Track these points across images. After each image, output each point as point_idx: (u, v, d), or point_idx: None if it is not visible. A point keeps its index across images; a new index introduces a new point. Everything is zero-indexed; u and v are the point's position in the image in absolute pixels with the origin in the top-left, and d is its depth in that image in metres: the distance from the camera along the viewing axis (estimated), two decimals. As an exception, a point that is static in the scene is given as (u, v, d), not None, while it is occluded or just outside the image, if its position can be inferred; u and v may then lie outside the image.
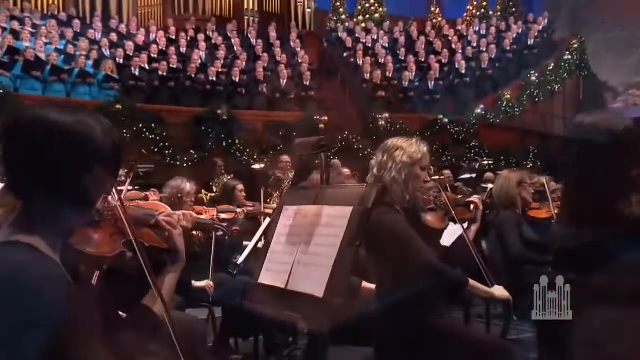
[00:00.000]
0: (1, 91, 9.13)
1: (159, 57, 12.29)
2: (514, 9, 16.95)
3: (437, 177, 8.67)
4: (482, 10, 17.19)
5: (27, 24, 12.24)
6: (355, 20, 17.12)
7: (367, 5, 17.56)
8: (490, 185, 5.87)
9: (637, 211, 1.84)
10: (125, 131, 8.83)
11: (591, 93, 15.04)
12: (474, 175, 9.57)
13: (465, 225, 3.42)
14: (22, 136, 1.35)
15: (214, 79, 11.94)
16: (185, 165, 9.35)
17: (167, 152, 9.33)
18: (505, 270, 3.98)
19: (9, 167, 1.36)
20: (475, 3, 17.40)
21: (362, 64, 13.57)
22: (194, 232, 2.36)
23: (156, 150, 9.28)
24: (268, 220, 3.38)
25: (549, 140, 12.93)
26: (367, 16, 17.32)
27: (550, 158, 9.95)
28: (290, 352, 4.37)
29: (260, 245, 3.11)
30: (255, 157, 9.60)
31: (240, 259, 3.43)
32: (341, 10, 17.51)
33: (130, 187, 5.13)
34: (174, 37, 13.75)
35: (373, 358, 2.85)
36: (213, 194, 7.69)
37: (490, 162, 10.67)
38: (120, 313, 1.78)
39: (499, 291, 2.94)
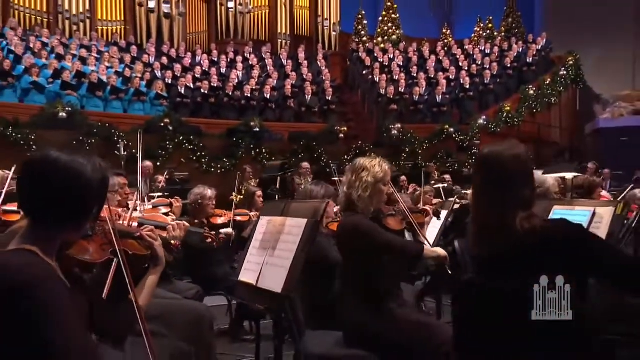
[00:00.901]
0: (70, 109, 9.32)
1: (202, 77, 12.52)
2: (516, 30, 16.81)
3: (433, 182, 8.81)
4: (488, 31, 17.07)
5: (93, 50, 12.66)
6: (375, 41, 17.16)
7: (386, 28, 17.62)
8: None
9: (522, 226, 1.99)
10: (168, 142, 9.10)
11: (587, 104, 14.83)
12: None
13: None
14: (30, 172, 1.61)
15: (249, 95, 12.11)
16: (218, 171, 9.44)
17: (203, 160, 9.44)
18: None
19: (21, 192, 1.62)
20: (482, 25, 17.29)
21: (379, 81, 13.59)
22: (172, 242, 2.52)
23: (194, 158, 9.41)
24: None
25: (544, 147, 12.87)
26: (386, 37, 17.37)
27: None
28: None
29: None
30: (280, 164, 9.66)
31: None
32: (363, 32, 17.59)
33: (160, 194, 5.45)
34: (215, 59, 13.98)
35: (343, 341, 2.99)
36: (242, 197, 7.95)
37: None
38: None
39: (441, 250, 3.08)
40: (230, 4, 15.78)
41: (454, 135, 12.00)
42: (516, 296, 1.99)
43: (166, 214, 3.71)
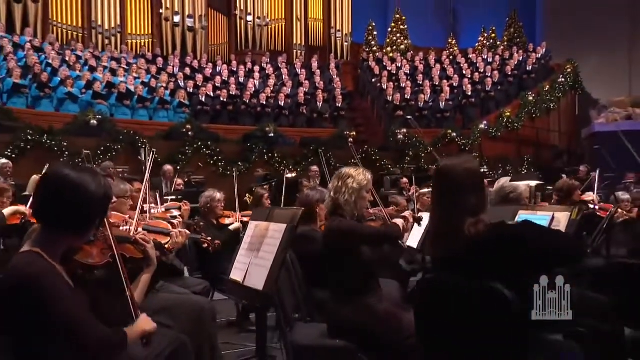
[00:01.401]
0: (100, 117, 9.49)
1: (221, 86, 12.66)
2: (518, 40, 16.70)
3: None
4: (491, 40, 16.99)
5: (122, 62, 12.86)
6: (384, 51, 17.16)
7: (395, 38, 17.58)
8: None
9: (469, 231, 2.11)
10: (188, 148, 9.27)
11: (586, 109, 14.73)
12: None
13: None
14: (44, 185, 1.79)
15: (264, 102, 12.25)
16: (233, 174, 9.51)
17: (219, 164, 9.57)
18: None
19: (35, 201, 1.81)
20: (485, 35, 17.20)
21: (386, 88, 13.62)
22: (167, 246, 2.66)
23: (211, 162, 9.52)
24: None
25: (543, 150, 12.81)
26: (394, 47, 17.37)
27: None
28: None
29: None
30: (290, 167, 9.78)
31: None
32: (373, 43, 17.59)
33: (173, 197, 5.63)
34: (235, 69, 14.12)
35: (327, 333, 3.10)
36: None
37: (486, 170, 10.60)
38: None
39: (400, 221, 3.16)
40: (249, 18, 15.97)
41: (456, 140, 11.98)
42: (466, 293, 2.08)
43: (174, 217, 3.87)
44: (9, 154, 7.66)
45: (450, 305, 2.18)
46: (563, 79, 13.99)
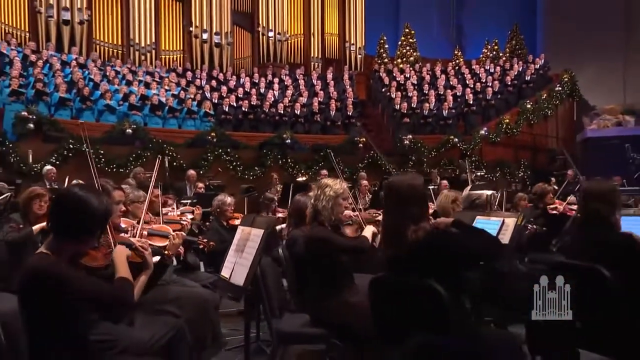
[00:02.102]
0: (135, 126, 9.81)
1: (243, 97, 12.92)
2: (519, 51, 16.60)
3: (434, 187, 8.90)
4: (494, 52, 16.91)
5: (156, 76, 13.21)
6: (394, 62, 17.27)
7: (404, 50, 17.66)
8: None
9: (411, 236, 2.31)
10: (209, 154, 9.50)
11: (584, 115, 14.62)
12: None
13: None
14: (57, 201, 2.06)
15: (282, 111, 12.49)
16: (250, 178, 9.67)
17: (238, 169, 9.77)
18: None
19: (49, 214, 2.08)
20: (489, 46, 17.13)
21: (395, 97, 13.74)
22: (166, 252, 2.88)
23: (230, 167, 9.74)
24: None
25: (539, 154, 12.76)
26: (404, 59, 17.44)
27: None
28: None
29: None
30: (302, 171, 9.94)
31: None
32: (384, 55, 17.67)
33: (188, 201, 5.90)
34: (256, 81, 14.34)
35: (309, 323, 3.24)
36: None
37: (483, 173, 10.65)
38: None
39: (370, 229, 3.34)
40: (271, 34, 16.18)
41: (458, 145, 12.04)
42: (408, 288, 2.29)
43: (187, 219, 4.13)
44: (54, 160, 8.02)
45: (396, 299, 2.39)
46: (560, 88, 13.88)
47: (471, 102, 13.01)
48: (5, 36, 12.76)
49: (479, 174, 10.35)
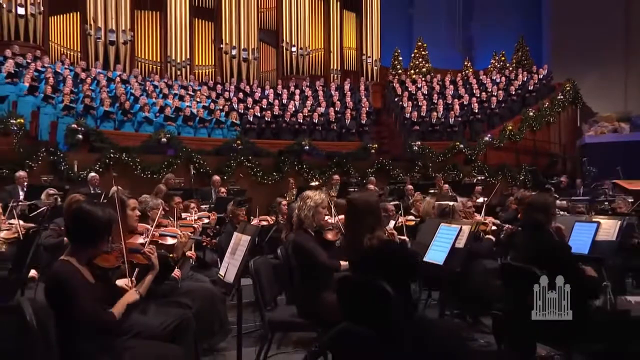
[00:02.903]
0: (169, 135, 10.14)
1: (266, 107, 13.23)
2: (525, 62, 16.47)
3: (434, 191, 9.02)
4: (502, 63, 16.84)
5: (189, 89, 13.70)
6: (408, 73, 17.38)
7: (417, 62, 17.77)
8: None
9: (366, 244, 2.59)
10: (232, 161, 9.76)
11: (583, 122, 14.45)
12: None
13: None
14: (70, 214, 2.40)
15: (301, 120, 12.79)
16: (269, 183, 9.88)
17: (258, 174, 9.99)
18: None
19: (66, 228, 2.43)
20: (497, 58, 17.06)
21: (406, 106, 13.86)
22: (171, 255, 3.11)
23: (251, 173, 9.99)
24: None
25: (540, 158, 12.70)
26: (417, 70, 17.54)
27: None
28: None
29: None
30: (316, 176, 10.16)
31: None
32: (398, 66, 17.83)
33: (207, 206, 6.27)
34: (279, 93, 14.67)
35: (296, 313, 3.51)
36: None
37: (482, 177, 10.69)
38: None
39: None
40: (294, 49, 16.53)
41: (463, 150, 12.09)
42: (364, 287, 2.56)
43: (192, 223, 4.49)
44: (98, 168, 8.52)
45: (356, 296, 2.67)
46: (562, 96, 13.76)
47: (476, 111, 13.03)
48: (60, 57, 13.51)
49: (480, 178, 10.40)
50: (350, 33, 17.54)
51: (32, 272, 3.04)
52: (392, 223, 4.78)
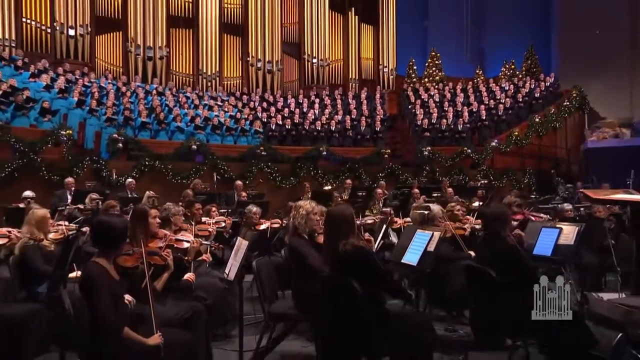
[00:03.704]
0: (199, 143, 10.41)
1: (288, 116, 13.58)
2: (534, 70, 16.33)
3: (437, 194, 9.15)
4: (511, 71, 16.74)
5: (218, 99, 14.23)
6: (422, 82, 17.47)
7: (431, 71, 17.84)
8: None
9: (341, 249, 2.91)
10: (253, 167, 10.13)
11: (586, 128, 14.29)
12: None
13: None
14: (94, 224, 2.81)
15: (319, 128, 13.10)
16: (286, 187, 10.13)
17: (277, 179, 10.28)
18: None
19: (92, 237, 2.84)
20: (507, 66, 16.97)
21: (418, 114, 13.98)
22: (186, 257, 3.53)
23: (270, 178, 10.28)
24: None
25: (544, 162, 12.65)
26: (430, 78, 17.61)
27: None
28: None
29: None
30: (330, 181, 10.39)
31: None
32: (413, 75, 17.94)
33: (224, 210, 6.68)
34: (300, 102, 14.97)
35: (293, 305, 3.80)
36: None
37: (486, 181, 10.75)
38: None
39: None
40: (314, 60, 16.85)
41: (471, 155, 12.13)
42: (339, 286, 2.88)
43: (208, 227, 4.90)
44: (134, 174, 9.09)
45: (334, 292, 3.01)
46: (568, 103, 13.64)
47: (484, 118, 13.08)
48: (104, 72, 14.30)
49: (483, 182, 10.49)
50: (367, 44, 17.76)
51: (76, 273, 3.44)
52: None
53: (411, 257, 3.68)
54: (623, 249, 4.76)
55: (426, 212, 4.18)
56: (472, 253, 4.05)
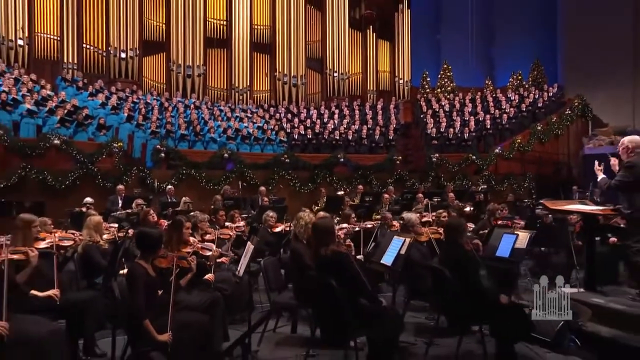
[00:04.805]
0: (230, 152, 11.04)
1: (310, 126, 14.05)
2: (540, 80, 16.24)
3: (438, 199, 9.42)
4: (519, 81, 16.71)
5: (247, 112, 14.98)
6: (435, 92, 17.67)
7: (443, 82, 18.01)
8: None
9: (323, 253, 3.45)
10: (275, 174, 10.71)
11: (584, 136, 14.19)
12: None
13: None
14: (135, 236, 3.47)
15: (337, 137, 13.53)
16: (305, 192, 10.58)
17: (296, 185, 10.72)
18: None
19: (135, 243, 3.51)
20: (514, 76, 16.94)
21: (428, 122, 14.27)
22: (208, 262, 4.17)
23: (291, 184, 10.75)
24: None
25: (544, 167, 12.71)
26: (443, 89, 17.79)
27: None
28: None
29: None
30: (343, 186, 10.84)
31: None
32: (426, 86, 18.15)
33: (245, 215, 7.29)
34: (322, 112, 15.42)
35: (293, 296, 4.33)
36: (317, 208, 9.10)
37: (485, 186, 10.95)
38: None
39: None
40: (336, 74, 17.34)
41: (475, 161, 12.34)
42: (322, 284, 3.37)
43: (228, 231, 5.53)
44: (173, 182, 9.86)
45: (318, 289, 3.56)
46: (570, 111, 13.62)
47: (488, 127, 13.24)
48: (149, 89, 15.31)
49: (483, 187, 10.70)
50: (384, 58, 18.11)
51: (125, 271, 4.13)
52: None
53: (388, 258, 4.20)
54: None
55: (416, 216, 4.64)
56: None
